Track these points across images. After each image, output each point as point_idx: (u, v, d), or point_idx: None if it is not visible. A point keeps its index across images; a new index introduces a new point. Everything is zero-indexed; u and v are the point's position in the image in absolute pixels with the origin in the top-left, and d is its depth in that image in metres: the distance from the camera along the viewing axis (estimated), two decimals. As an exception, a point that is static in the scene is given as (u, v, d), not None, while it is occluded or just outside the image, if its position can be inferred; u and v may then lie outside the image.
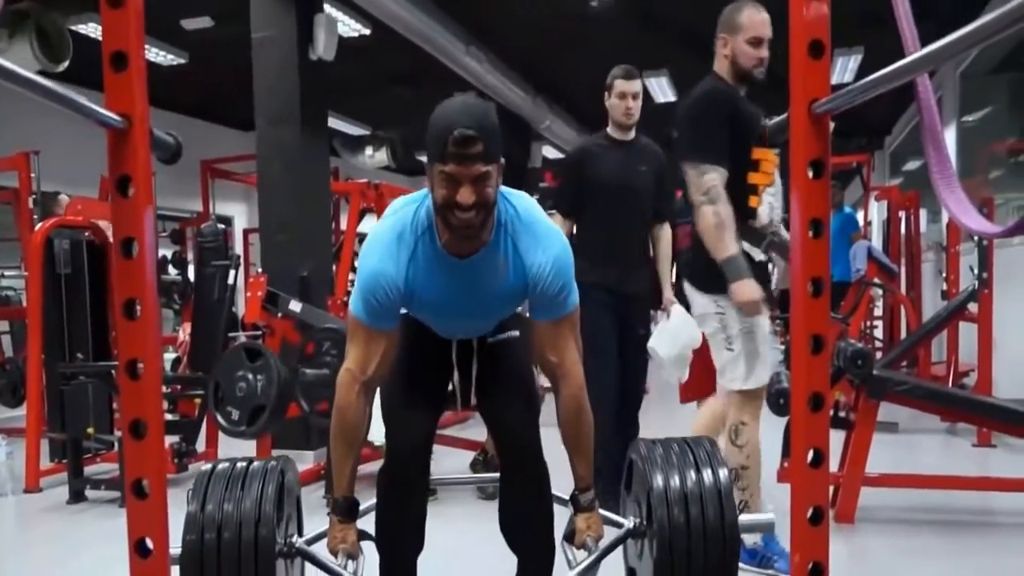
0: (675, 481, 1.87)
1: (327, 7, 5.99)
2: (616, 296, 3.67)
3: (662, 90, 9.96)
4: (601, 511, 2.16)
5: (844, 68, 8.87)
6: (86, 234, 4.99)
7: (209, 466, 1.95)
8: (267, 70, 5.55)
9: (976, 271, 5.37)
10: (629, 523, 2.07)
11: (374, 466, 2.63)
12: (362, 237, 3.20)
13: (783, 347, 9.91)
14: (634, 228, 3.81)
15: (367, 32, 7.29)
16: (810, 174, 1.38)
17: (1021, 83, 7.33)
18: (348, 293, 5.35)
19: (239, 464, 1.94)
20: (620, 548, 2.16)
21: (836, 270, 8.53)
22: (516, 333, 2.26)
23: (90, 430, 4.34)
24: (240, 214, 11.57)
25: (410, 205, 2.02)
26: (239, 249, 9.98)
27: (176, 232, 8.90)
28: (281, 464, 1.96)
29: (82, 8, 6.95)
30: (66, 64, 6.17)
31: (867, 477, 3.65)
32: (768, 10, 2.81)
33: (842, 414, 3.85)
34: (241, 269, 5.29)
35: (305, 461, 4.89)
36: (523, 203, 2.03)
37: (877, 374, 3.69)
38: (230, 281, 4.91)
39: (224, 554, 1.76)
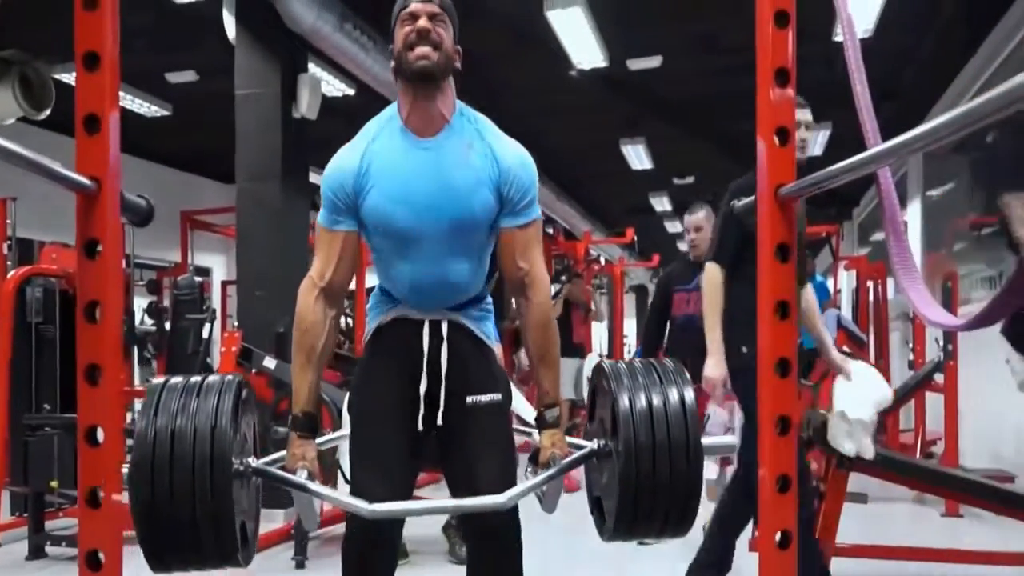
0: (640, 401, 1.78)
1: (312, 67, 6.10)
2: None
3: (639, 157, 10.16)
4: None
5: (814, 142, 9.09)
6: (60, 282, 4.98)
7: (163, 379, 1.81)
8: (250, 126, 5.62)
9: (941, 343, 5.48)
10: (594, 444, 1.94)
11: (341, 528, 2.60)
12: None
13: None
14: None
15: (351, 92, 7.42)
16: (776, 257, 1.42)
17: (980, 162, 7.58)
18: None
19: (194, 378, 1.79)
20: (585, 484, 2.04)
21: (807, 338, 8.64)
22: (499, 396, 2.10)
23: (54, 484, 4.27)
24: (219, 265, 11.55)
25: (377, 115, 2.08)
26: (216, 301, 9.95)
27: (153, 282, 8.86)
28: (239, 378, 1.81)
29: (66, 58, 7.03)
30: (48, 112, 6.21)
31: (837, 548, 3.68)
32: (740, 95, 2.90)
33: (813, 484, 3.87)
34: (218, 322, 5.30)
35: (275, 520, 4.84)
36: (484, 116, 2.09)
37: (845, 444, 3.72)
38: (205, 335, 4.92)
39: (176, 470, 1.60)
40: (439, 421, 2.04)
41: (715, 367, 3.20)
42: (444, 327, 2.07)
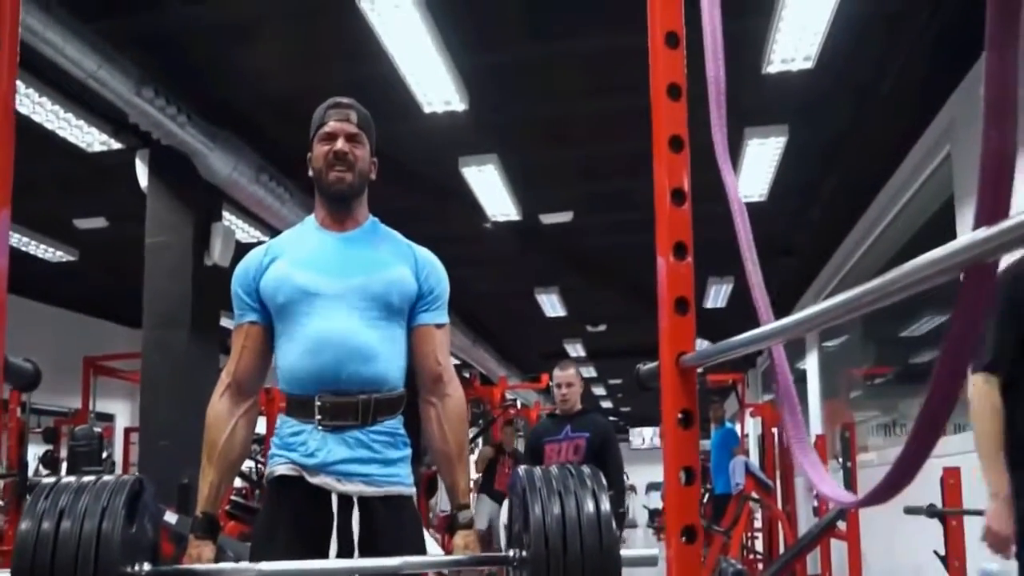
0: (554, 508, 1.75)
1: (226, 213, 6.15)
2: None
3: (552, 305, 10.38)
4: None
5: (717, 294, 9.49)
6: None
7: (51, 480, 1.66)
8: (159, 273, 5.58)
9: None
10: (510, 552, 1.82)
11: None
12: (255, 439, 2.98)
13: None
14: None
15: (265, 239, 7.46)
16: (679, 424, 1.45)
17: (869, 318, 8.01)
18: (231, 503, 5.17)
19: (87, 477, 1.61)
20: None
21: (718, 483, 8.74)
22: (410, 513, 2.02)
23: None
24: (122, 412, 11.12)
25: None
26: (119, 449, 9.54)
27: (50, 430, 8.47)
28: (136, 476, 1.70)
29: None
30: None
31: None
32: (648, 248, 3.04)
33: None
34: (119, 471, 5.07)
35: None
36: None
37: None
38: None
39: None
40: None
41: (1001, 518, 2.35)
42: (355, 500, 1.90)
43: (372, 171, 2.07)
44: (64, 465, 7.10)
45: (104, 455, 6.54)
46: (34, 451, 8.23)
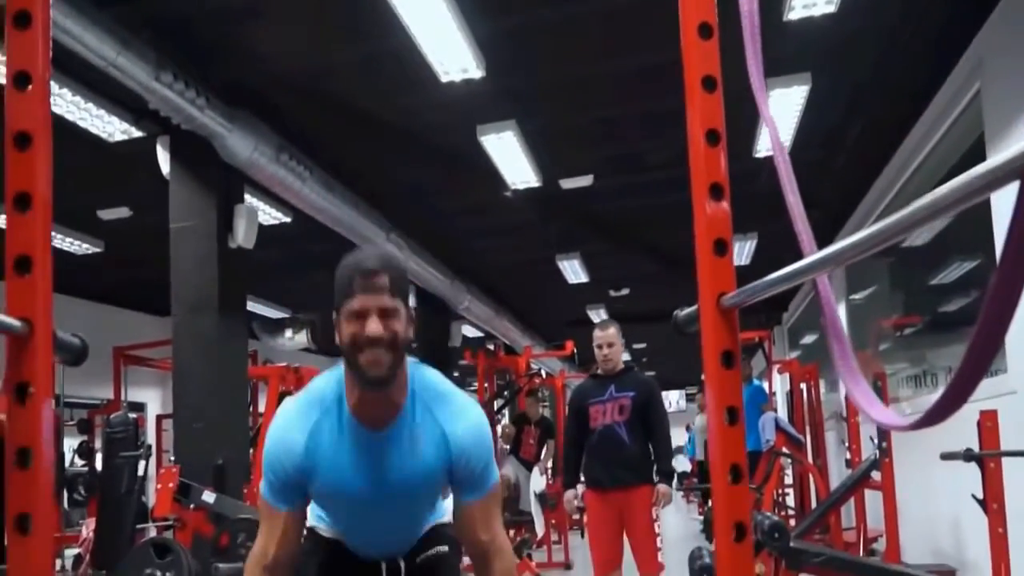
0: None
1: (248, 196, 6.17)
2: None
3: (574, 272, 10.38)
4: None
5: (741, 252, 9.45)
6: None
7: None
8: (185, 258, 5.62)
9: (876, 441, 5.60)
10: None
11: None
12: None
13: (701, 518, 9.95)
14: None
15: (288, 220, 7.49)
16: (722, 364, 1.44)
17: (897, 267, 7.94)
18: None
19: None
20: None
21: (749, 440, 8.66)
22: (445, 548, 2.12)
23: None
24: (153, 400, 11.27)
25: (322, 378, 1.93)
26: (151, 436, 9.67)
27: (83, 421, 8.59)
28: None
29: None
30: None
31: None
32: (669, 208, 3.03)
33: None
34: (153, 458, 5.15)
35: None
36: (435, 373, 1.96)
37: (794, 547, 3.76)
38: (140, 473, 4.77)
39: None
40: None
41: None
42: (402, 563, 2.10)
43: (411, 330, 1.81)
44: (99, 455, 7.20)
45: (139, 443, 6.63)
46: (69, 443, 8.36)
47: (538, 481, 8.01)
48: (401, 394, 1.86)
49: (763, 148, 6.36)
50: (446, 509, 2.19)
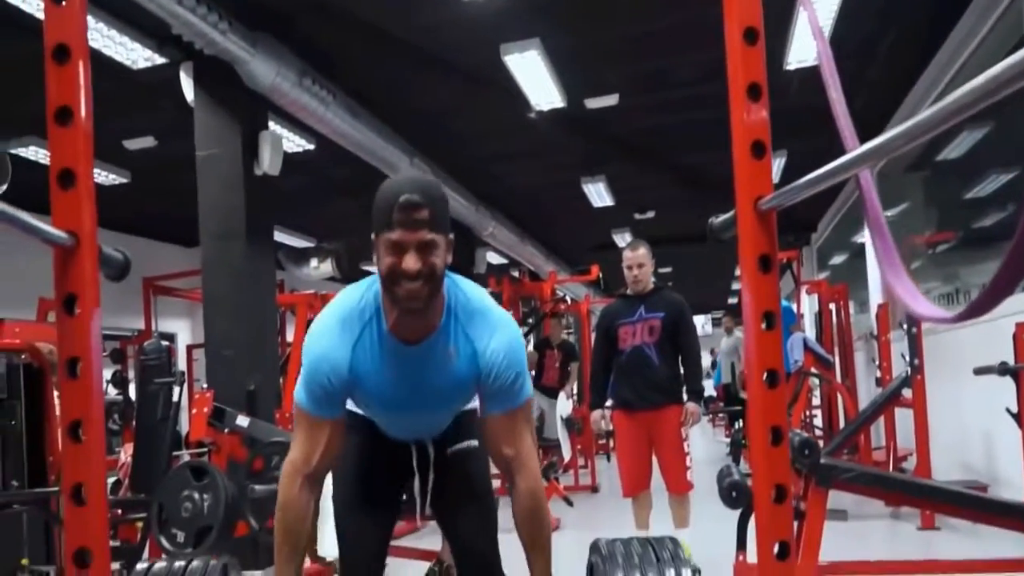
0: None
1: (272, 124, 6.13)
2: None
3: (599, 195, 10.28)
4: None
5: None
6: (23, 357, 4.89)
7: (145, 565, 1.79)
8: (212, 187, 5.61)
9: (908, 358, 5.56)
10: None
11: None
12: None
13: (728, 440, 10.03)
14: None
15: (311, 147, 7.45)
16: (759, 269, 1.42)
17: (931, 181, 7.78)
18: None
19: (177, 563, 1.76)
20: None
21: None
22: (475, 443, 2.20)
23: (24, 561, 4.16)
24: (183, 330, 11.42)
25: (357, 290, 1.96)
26: (183, 365, 9.82)
27: (116, 352, 8.73)
28: (224, 563, 1.79)
29: (22, 132, 6.98)
30: (4, 188, 6.15)
31: (821, 565, 3.69)
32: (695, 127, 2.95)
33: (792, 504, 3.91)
34: (185, 387, 5.23)
35: (255, 580, 4.74)
36: (472, 289, 1.98)
37: (824, 463, 3.77)
38: (174, 399, 4.84)
39: None
40: (428, 510, 2.22)
41: None
42: (430, 449, 2.22)
43: (448, 255, 1.83)
44: (133, 384, 7.33)
45: (172, 370, 6.73)
46: (103, 373, 8.52)
47: (564, 405, 8.05)
48: (437, 316, 1.90)
49: (794, 60, 6.17)
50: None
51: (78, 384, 1.30)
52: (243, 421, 4.63)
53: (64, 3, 1.36)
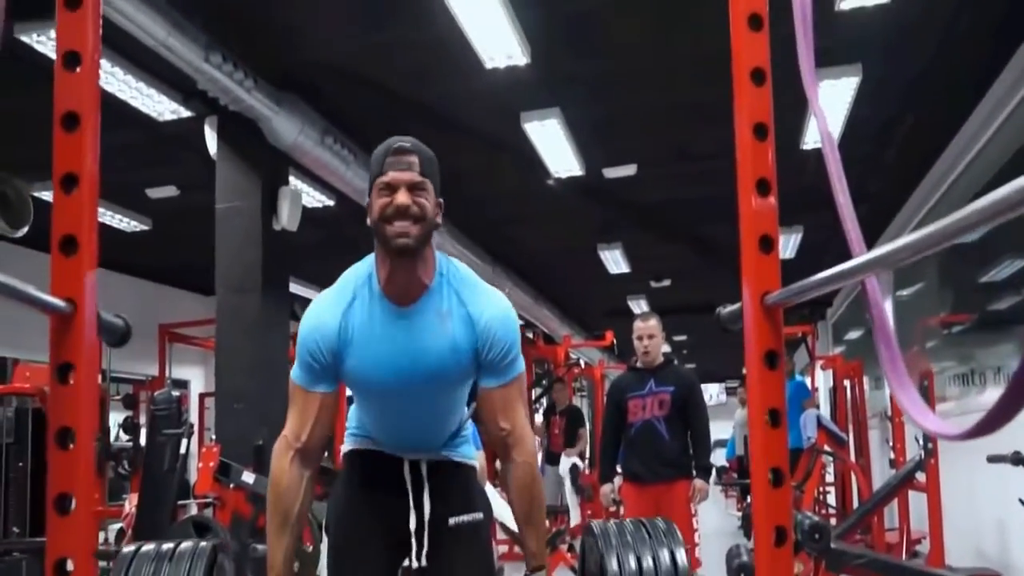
0: (630, 562, 1.73)
1: (292, 179, 6.22)
2: None
3: (615, 262, 10.31)
4: None
5: (786, 245, 9.31)
6: (33, 401, 4.91)
7: (132, 547, 1.76)
8: (230, 239, 5.68)
9: (921, 441, 5.49)
10: None
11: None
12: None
13: (740, 514, 9.87)
14: None
15: (331, 203, 7.53)
16: (765, 365, 1.41)
17: (946, 263, 7.75)
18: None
19: (166, 545, 1.73)
20: None
21: (790, 437, 8.59)
22: (480, 516, 2.11)
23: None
24: (197, 378, 11.44)
25: (353, 267, 2.01)
26: (194, 414, 9.81)
27: (129, 397, 8.74)
28: (214, 544, 1.77)
29: (46, 175, 7.10)
30: (26, 229, 6.24)
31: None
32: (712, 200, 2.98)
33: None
34: (195, 436, 5.23)
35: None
36: (463, 266, 2.02)
37: (835, 548, 3.71)
38: (182, 451, 4.84)
39: None
40: (424, 552, 2.04)
41: None
42: (424, 467, 2.07)
43: (438, 216, 1.91)
44: (144, 430, 7.32)
45: (182, 420, 6.74)
46: (114, 418, 8.52)
47: (567, 462, 7.94)
48: (428, 274, 1.92)
49: (811, 140, 6.23)
50: (475, 446, 2.23)
51: (68, 456, 1.27)
52: (248, 477, 4.61)
53: (78, 69, 1.36)
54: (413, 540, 2.02)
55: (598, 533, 1.85)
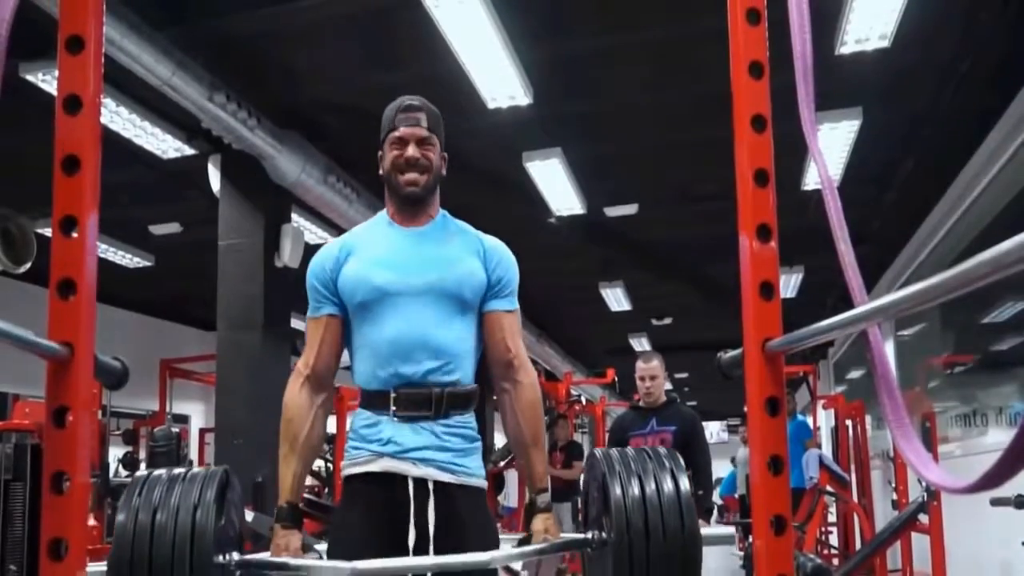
0: (634, 488, 1.71)
1: (295, 216, 6.24)
2: None
3: (617, 300, 10.31)
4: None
5: (787, 285, 9.32)
6: (33, 437, 4.87)
7: (145, 472, 1.74)
8: (232, 275, 5.69)
9: (924, 483, 5.44)
10: (589, 535, 1.86)
11: None
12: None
13: (742, 553, 9.77)
14: None
15: (333, 239, 7.55)
16: (766, 411, 1.41)
17: (948, 305, 7.75)
18: (303, 500, 5.25)
19: (177, 469, 1.71)
20: None
21: (792, 477, 8.53)
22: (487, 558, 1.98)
23: (17, 650, 4.06)
24: (197, 413, 11.40)
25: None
26: (194, 449, 9.77)
27: (129, 432, 8.70)
28: (224, 468, 1.76)
29: (48, 213, 7.14)
30: (29, 266, 6.26)
31: None
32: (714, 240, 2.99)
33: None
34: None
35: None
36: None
37: (835, 591, 3.67)
38: (180, 487, 4.80)
39: (155, 569, 1.54)
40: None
41: None
42: (431, 484, 1.94)
43: (443, 167, 2.09)
44: (143, 466, 7.29)
45: (181, 457, 6.71)
46: (114, 453, 8.47)
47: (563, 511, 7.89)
48: (434, 210, 2.10)
49: (812, 181, 6.27)
50: (480, 468, 2.06)
51: (63, 500, 1.26)
52: (247, 516, 4.56)
53: (79, 113, 1.36)
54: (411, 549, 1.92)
55: (600, 458, 1.82)
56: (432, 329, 1.96)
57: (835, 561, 8.60)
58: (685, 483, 1.72)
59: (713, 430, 26.11)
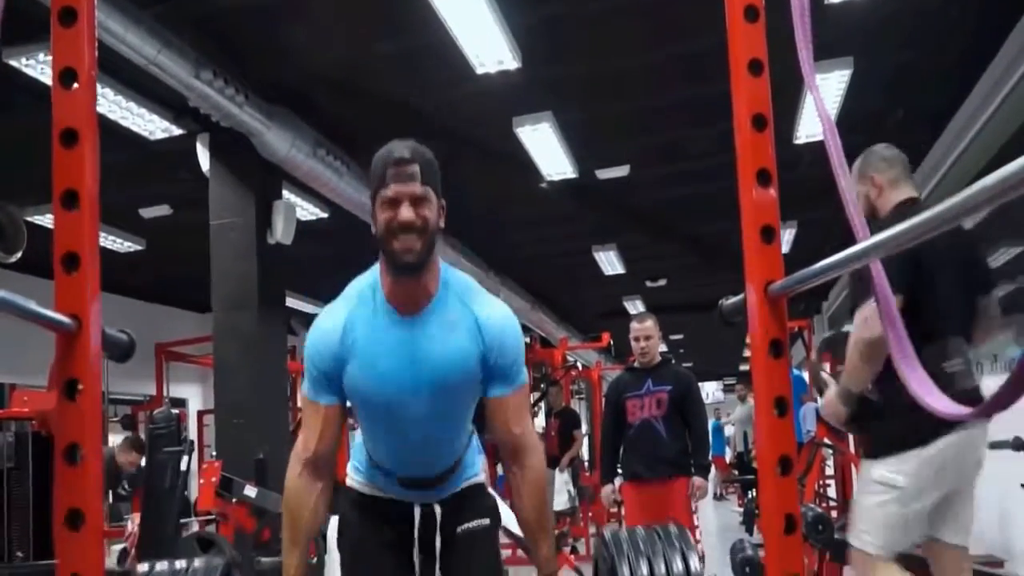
0: (642, 569, 1.76)
1: (286, 192, 6.21)
2: None
3: (610, 263, 10.32)
4: None
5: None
6: (32, 425, 4.86)
7: (146, 567, 1.77)
8: (225, 255, 5.67)
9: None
10: None
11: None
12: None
13: (741, 510, 9.87)
14: None
15: (325, 215, 7.53)
16: (770, 354, 1.41)
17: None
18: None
19: (179, 563, 1.74)
20: None
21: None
22: (487, 521, 2.13)
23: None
24: (195, 396, 11.41)
25: (359, 277, 2.01)
26: (193, 431, 9.79)
27: (128, 417, 8.71)
28: (227, 561, 1.80)
29: (39, 200, 7.09)
30: (19, 255, 6.22)
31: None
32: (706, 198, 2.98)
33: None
34: (195, 453, 5.21)
35: None
36: (466, 276, 2.04)
37: (838, 538, 3.70)
38: (183, 468, 4.82)
39: None
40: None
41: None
42: (437, 509, 2.08)
43: (441, 218, 1.91)
44: (145, 449, 7.29)
45: (181, 438, 6.71)
46: (114, 439, 8.48)
47: (560, 478, 7.96)
48: (433, 283, 1.92)
49: (803, 134, 6.25)
50: (482, 465, 2.23)
51: (77, 471, 1.26)
52: (251, 491, 4.59)
53: (75, 86, 1.35)
54: (416, 546, 2.06)
55: (609, 540, 1.86)
56: (444, 446, 2.05)
57: (834, 514, 8.69)
58: (695, 561, 1.74)
59: (709, 390, 26.28)
